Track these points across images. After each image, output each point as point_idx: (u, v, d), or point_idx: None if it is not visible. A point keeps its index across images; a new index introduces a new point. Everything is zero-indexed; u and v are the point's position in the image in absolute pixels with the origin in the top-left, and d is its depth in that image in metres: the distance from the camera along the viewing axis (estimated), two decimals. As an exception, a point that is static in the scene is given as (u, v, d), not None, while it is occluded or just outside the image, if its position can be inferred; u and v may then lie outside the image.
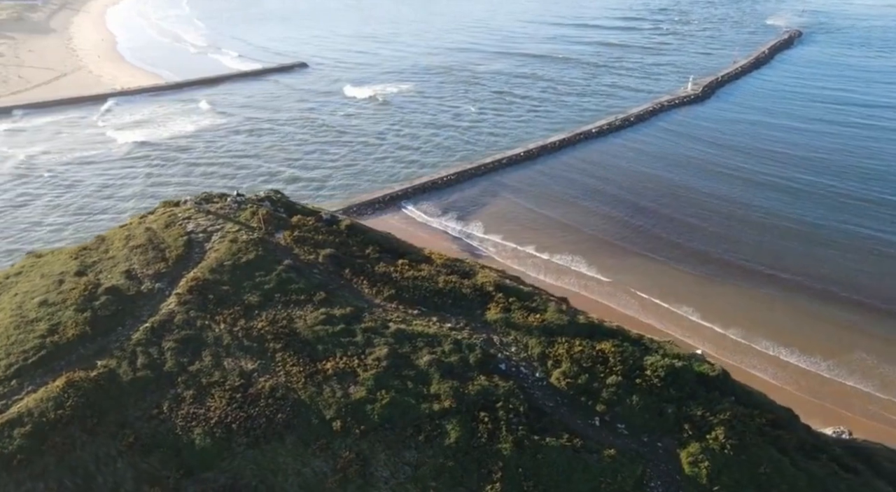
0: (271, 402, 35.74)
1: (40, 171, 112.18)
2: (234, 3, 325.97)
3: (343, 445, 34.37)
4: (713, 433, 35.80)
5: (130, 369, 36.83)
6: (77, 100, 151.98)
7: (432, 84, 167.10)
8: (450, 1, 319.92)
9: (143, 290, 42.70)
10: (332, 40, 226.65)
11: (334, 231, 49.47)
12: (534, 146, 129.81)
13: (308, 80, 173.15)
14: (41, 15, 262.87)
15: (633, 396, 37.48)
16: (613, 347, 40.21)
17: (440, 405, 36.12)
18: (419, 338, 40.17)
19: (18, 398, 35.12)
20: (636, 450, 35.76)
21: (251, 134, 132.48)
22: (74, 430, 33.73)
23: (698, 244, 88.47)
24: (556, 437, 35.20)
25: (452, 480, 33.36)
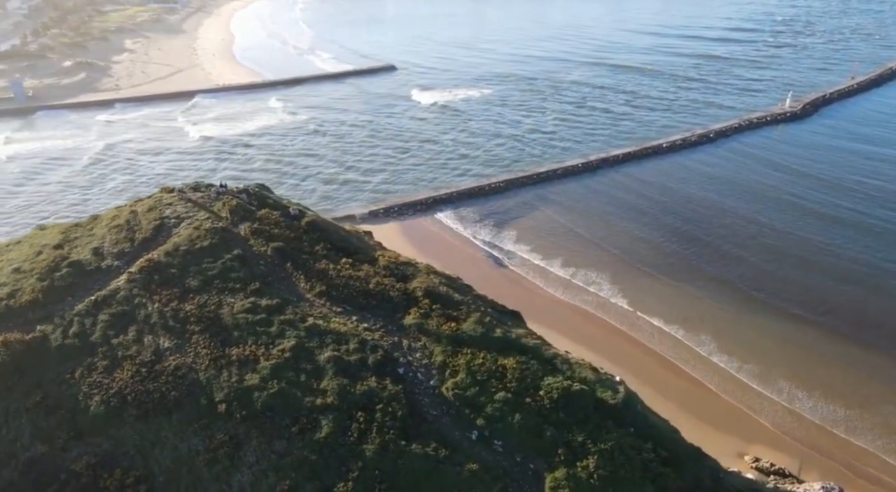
0: (171, 379, 38.39)
1: (118, 157, 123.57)
2: (343, 8, 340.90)
3: (222, 427, 36.39)
4: (585, 461, 34.64)
5: (62, 336, 40.78)
6: (171, 96, 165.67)
7: (509, 92, 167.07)
8: (560, 8, 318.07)
9: (102, 266, 46.91)
10: (427, 45, 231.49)
11: (293, 226, 51.73)
12: (594, 158, 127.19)
13: (385, 83, 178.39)
14: (177, 17, 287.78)
15: (517, 414, 36.87)
16: (516, 364, 39.67)
17: (323, 401, 37.32)
18: (329, 335, 41.49)
19: (-35, 351, 39.90)
20: (504, 468, 35.27)
21: (315, 133, 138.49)
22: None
23: (735, 278, 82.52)
24: (424, 445, 35.35)
25: (311, 473, 34.47)
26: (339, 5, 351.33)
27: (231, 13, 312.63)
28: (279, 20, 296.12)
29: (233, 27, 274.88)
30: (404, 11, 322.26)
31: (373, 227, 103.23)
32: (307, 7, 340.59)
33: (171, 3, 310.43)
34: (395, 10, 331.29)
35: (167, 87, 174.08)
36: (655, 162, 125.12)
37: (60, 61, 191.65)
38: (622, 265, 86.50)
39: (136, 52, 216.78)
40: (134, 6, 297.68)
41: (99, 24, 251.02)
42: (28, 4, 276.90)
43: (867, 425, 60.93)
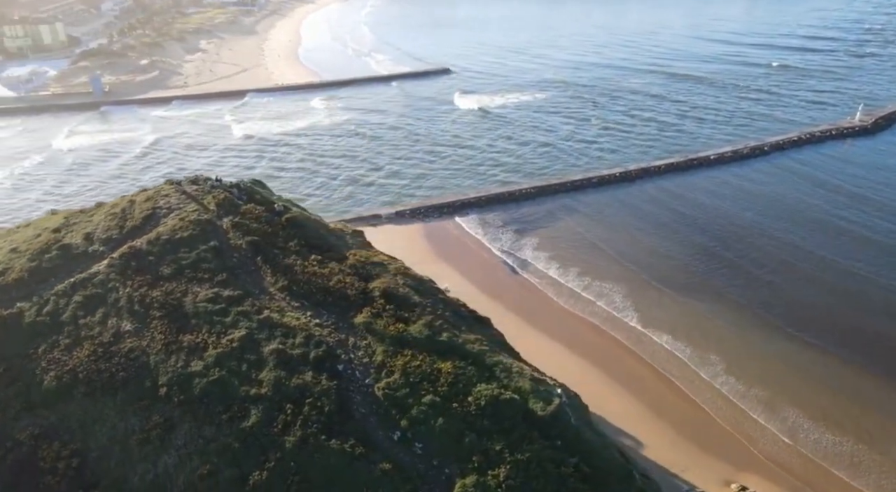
0: (122, 360, 40.51)
1: (165, 151, 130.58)
2: (410, 11, 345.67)
3: (160, 409, 38.12)
4: (497, 470, 34.18)
5: (35, 314, 43.74)
6: (225, 94, 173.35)
7: (557, 98, 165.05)
8: (634, 14, 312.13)
9: (89, 250, 49.91)
10: (485, 49, 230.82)
11: (273, 222, 53.32)
12: (634, 168, 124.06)
13: (434, 86, 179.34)
14: (252, 19, 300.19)
15: (441, 418, 36.76)
16: (452, 368, 39.60)
17: (257, 391, 38.45)
18: (280, 328, 42.65)
19: (-51, 321, 43.47)
20: (419, 471, 35.29)
21: (352, 134, 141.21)
22: (-33, 354, 41.11)
23: (756, 303, 77.64)
24: (343, 441, 35.83)
25: (232, 459, 35.64)
26: (407, 8, 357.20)
27: (304, 16, 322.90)
28: (345, 22, 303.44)
29: (302, 29, 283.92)
30: (471, 15, 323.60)
31: (396, 227, 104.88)
32: (375, 10, 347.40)
33: (249, 5, 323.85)
34: (463, 13, 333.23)
35: (230, 85, 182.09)
36: (699, 174, 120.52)
37: (138, 60, 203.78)
38: (638, 281, 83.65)
39: (208, 52, 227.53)
40: (215, 9, 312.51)
41: (180, 25, 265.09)
42: (120, 6, 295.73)
43: (872, 465, 56.88)
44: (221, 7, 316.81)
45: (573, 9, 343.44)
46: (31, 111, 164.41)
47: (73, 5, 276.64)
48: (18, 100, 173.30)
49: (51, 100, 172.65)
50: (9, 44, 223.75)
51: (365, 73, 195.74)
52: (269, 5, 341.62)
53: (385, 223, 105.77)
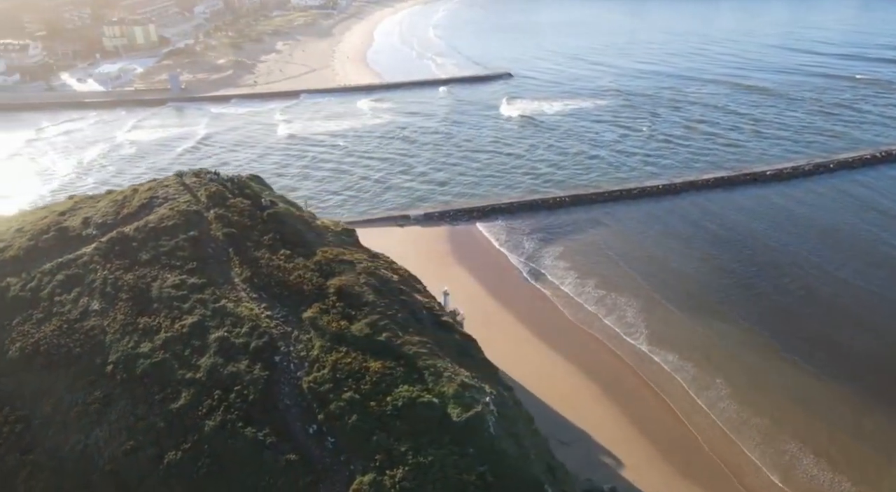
0: (81, 337, 43.30)
1: (212, 147, 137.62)
2: (484, 14, 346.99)
3: (103, 385, 40.52)
4: (395, 471, 34.17)
5: (19, 289, 47.39)
6: (280, 94, 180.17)
7: (613, 107, 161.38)
8: (721, 20, 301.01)
9: (83, 234, 53.46)
10: (550, 54, 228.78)
11: (255, 216, 55.14)
12: (679, 181, 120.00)
13: (486, 91, 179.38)
14: (330, 22, 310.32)
15: (355, 415, 37.10)
16: (381, 368, 39.90)
17: (192, 375, 40.17)
18: (231, 317, 44.28)
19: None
20: (325, 465, 35.88)
21: (392, 137, 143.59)
22: (-50, 321, 45.02)
23: (774, 332, 73.50)
24: (258, 430, 36.88)
25: (155, 438, 37.53)
26: (481, 12, 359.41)
27: (380, 19, 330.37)
28: (416, 26, 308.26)
29: (376, 32, 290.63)
30: (548, 19, 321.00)
31: (422, 229, 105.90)
32: (448, 14, 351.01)
33: (330, 9, 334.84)
34: (538, 17, 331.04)
35: (293, 85, 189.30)
36: (746, 192, 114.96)
37: (216, 59, 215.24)
38: (651, 300, 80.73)
39: (282, 53, 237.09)
40: (298, 12, 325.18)
41: (261, 27, 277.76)
42: (211, 9, 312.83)
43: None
44: (304, 10, 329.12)
45: (657, 14, 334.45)
46: (110, 105, 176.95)
47: (169, 8, 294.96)
48: (105, 94, 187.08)
49: (132, 95, 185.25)
50: (107, 43, 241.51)
51: (423, 76, 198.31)
52: (350, 9, 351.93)
53: (412, 224, 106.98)
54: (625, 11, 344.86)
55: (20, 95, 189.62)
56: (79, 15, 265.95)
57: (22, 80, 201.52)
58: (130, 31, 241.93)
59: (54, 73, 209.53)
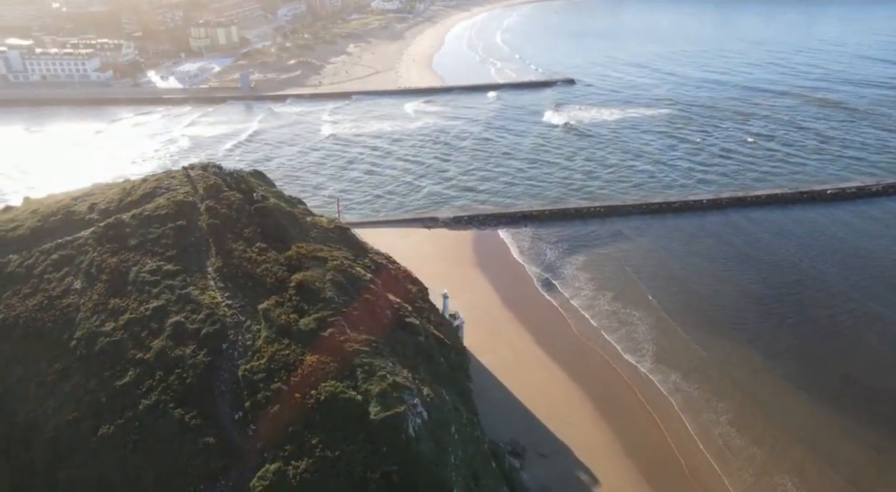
0: (57, 313, 46.61)
1: (257, 143, 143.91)
2: (556, 20, 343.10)
3: (64, 359, 43.42)
4: (299, 462, 34.86)
5: (17, 265, 51.46)
6: (334, 95, 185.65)
7: (670, 117, 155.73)
8: (821, 27, 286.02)
9: (86, 218, 57.30)
10: (615, 62, 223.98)
11: (243, 209, 57.30)
12: (727, 196, 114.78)
13: (535, 98, 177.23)
14: (404, 26, 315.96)
15: (278, 405, 38.07)
16: (315, 362, 40.76)
17: (142, 356, 42.50)
18: (192, 303, 46.40)
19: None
20: (242, 451, 36.93)
21: (431, 141, 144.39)
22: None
23: (788, 363, 68.80)
24: (186, 412, 38.53)
25: (95, 412, 40.12)
26: (555, 17, 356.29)
27: (453, 23, 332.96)
28: (487, 30, 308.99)
29: (447, 36, 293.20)
30: (624, 26, 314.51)
31: (448, 231, 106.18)
32: (521, 19, 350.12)
33: (406, 13, 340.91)
34: (616, 23, 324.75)
35: (353, 86, 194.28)
36: (796, 210, 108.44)
37: (287, 60, 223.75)
38: (662, 320, 77.47)
39: (352, 55, 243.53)
40: (375, 15, 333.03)
41: (337, 30, 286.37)
42: (293, 12, 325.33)
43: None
44: (380, 14, 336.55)
45: (749, 22, 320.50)
46: (182, 101, 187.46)
47: (254, 11, 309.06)
48: (181, 91, 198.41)
49: (204, 92, 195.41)
50: (193, 44, 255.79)
51: (479, 80, 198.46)
52: (426, 13, 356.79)
53: (440, 227, 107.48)
54: (714, 20, 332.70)
55: (109, 91, 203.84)
56: (171, 17, 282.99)
57: (113, 77, 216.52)
58: (214, 32, 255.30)
59: (142, 70, 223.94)
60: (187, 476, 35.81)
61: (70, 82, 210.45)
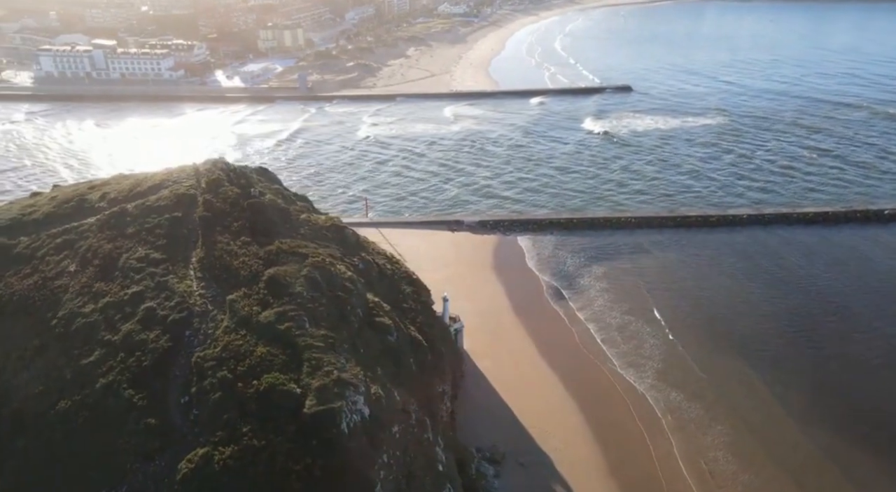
0: (47, 293, 49.79)
1: (296, 142, 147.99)
2: (621, 26, 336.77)
3: (43, 335, 46.33)
4: (226, 449, 35.99)
5: (24, 247, 55.15)
6: (378, 97, 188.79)
7: (719, 128, 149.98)
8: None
9: (94, 206, 60.70)
10: (675, 69, 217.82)
11: (237, 204, 59.24)
12: (770, 212, 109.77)
13: (579, 105, 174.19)
14: (467, 30, 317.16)
15: (219, 392, 39.38)
16: (265, 353, 41.99)
17: (110, 337, 44.86)
18: (167, 291, 48.56)
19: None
20: (181, 433, 38.58)
21: (464, 145, 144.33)
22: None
23: (799, 397, 64.49)
24: (136, 392, 40.45)
25: (59, 388, 42.76)
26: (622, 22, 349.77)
27: (518, 28, 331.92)
28: (549, 34, 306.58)
29: (509, 40, 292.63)
30: (694, 32, 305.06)
31: (472, 235, 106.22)
32: (585, 24, 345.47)
33: (472, 17, 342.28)
34: (686, 29, 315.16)
35: (408, 89, 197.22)
36: (853, 231, 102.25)
37: (346, 62, 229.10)
38: (669, 341, 74.37)
39: (411, 58, 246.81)
40: (440, 19, 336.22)
41: (400, 33, 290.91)
42: (360, 16, 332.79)
43: None
44: (446, 18, 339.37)
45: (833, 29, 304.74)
46: (239, 100, 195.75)
47: (322, 14, 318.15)
48: (242, 90, 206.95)
49: (263, 92, 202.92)
50: (261, 45, 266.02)
51: (531, 85, 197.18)
52: (493, 17, 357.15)
53: (464, 230, 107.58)
54: (798, 27, 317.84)
55: (178, 88, 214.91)
56: (244, 20, 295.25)
57: (184, 76, 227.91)
58: (280, 34, 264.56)
59: (211, 70, 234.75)
60: (126, 454, 37.58)
61: (145, 80, 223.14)
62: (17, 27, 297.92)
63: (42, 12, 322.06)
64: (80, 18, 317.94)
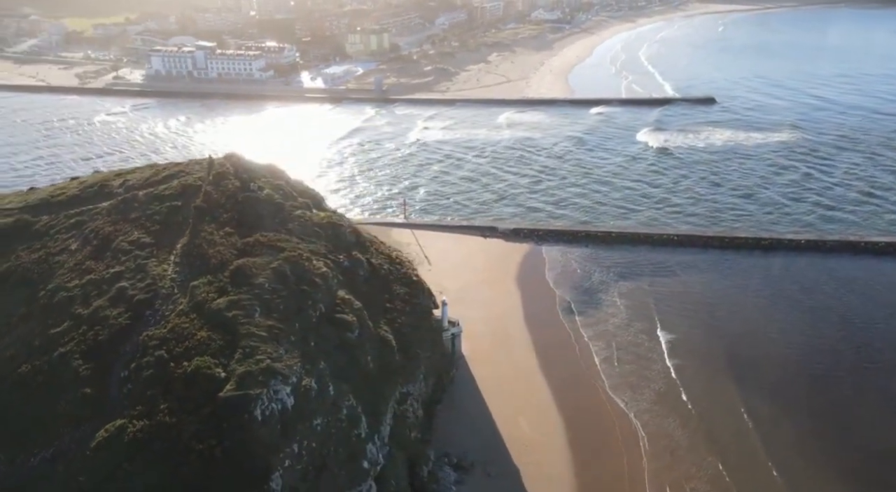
0: (46, 266, 54.90)
1: (350, 141, 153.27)
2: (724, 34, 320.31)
3: (30, 306, 50.98)
4: (139, 423, 38.32)
5: (43, 225, 60.74)
6: (436, 101, 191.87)
7: (789, 144, 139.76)
8: None
9: (114, 192, 65.87)
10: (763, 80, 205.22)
11: (233, 196, 62.14)
12: (835, 238, 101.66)
13: (643, 117, 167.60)
14: (557, 36, 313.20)
15: (151, 370, 41.97)
16: (205, 337, 44.21)
17: (80, 311, 48.88)
18: (143, 273, 52.23)
19: None
20: (112, 405, 41.57)
21: (512, 153, 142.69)
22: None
23: (792, 447, 58.18)
24: (85, 362, 43.78)
25: (27, 354, 47.16)
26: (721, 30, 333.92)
27: (611, 34, 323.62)
28: (637, 42, 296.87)
29: (598, 48, 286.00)
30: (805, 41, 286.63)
31: (503, 242, 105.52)
32: (685, 30, 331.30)
33: (564, 23, 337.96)
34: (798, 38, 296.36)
35: (479, 93, 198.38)
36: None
37: (424, 66, 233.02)
38: (666, 374, 69.79)
39: (490, 63, 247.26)
40: (530, 25, 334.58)
41: (485, 38, 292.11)
42: (450, 21, 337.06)
43: None
44: (537, 24, 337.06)
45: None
46: (312, 100, 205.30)
47: (412, 20, 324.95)
48: (321, 91, 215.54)
49: (341, 93, 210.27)
50: (348, 48, 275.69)
51: (603, 94, 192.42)
52: (586, 23, 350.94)
53: (497, 237, 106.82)
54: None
55: (265, 88, 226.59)
56: (337, 24, 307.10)
57: (273, 76, 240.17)
58: (367, 38, 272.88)
59: (297, 71, 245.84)
60: (62, 419, 40.84)
61: (238, 79, 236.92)
62: (140, 29, 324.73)
63: (164, 16, 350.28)
64: (194, 22, 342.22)
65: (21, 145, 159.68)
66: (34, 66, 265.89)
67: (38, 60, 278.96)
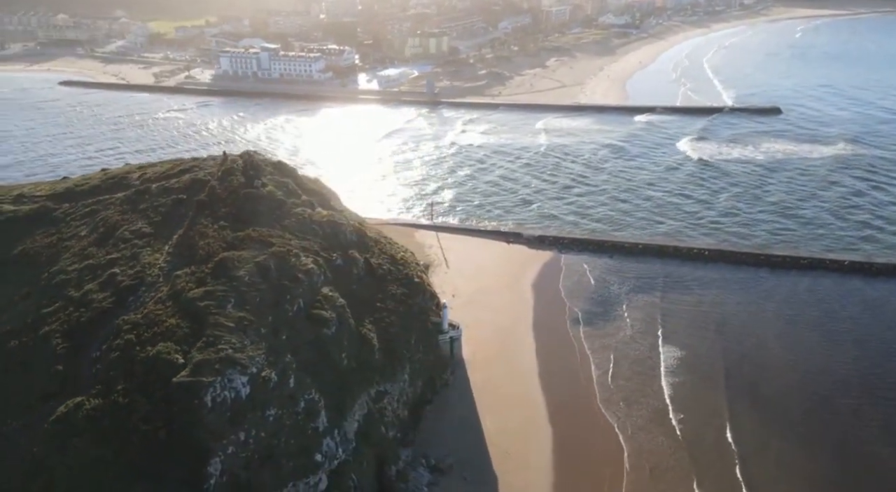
0: (53, 250, 58.69)
1: (391, 140, 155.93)
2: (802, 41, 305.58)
3: (34, 286, 54.52)
4: (94, 401, 40.47)
5: (62, 212, 64.81)
6: (479, 105, 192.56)
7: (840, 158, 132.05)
8: None
9: (130, 184, 69.43)
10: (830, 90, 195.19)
11: (236, 192, 64.36)
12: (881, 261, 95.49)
13: (689, 126, 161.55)
14: (621, 41, 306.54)
15: (118, 353, 44.19)
16: (173, 325, 46.13)
17: (73, 294, 51.98)
18: (135, 260, 55.04)
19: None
20: (81, 383, 44.20)
21: (544, 160, 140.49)
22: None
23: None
24: (64, 341, 46.53)
25: (21, 328, 50.11)
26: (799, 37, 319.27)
27: (680, 40, 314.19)
28: (705, 48, 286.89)
29: (664, 54, 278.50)
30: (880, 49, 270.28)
31: (525, 249, 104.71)
32: (760, 36, 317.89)
33: (631, 28, 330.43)
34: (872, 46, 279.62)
35: (530, 99, 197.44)
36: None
37: (479, 70, 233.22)
38: (659, 394, 66.86)
39: (547, 68, 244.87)
40: (596, 30, 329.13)
41: (547, 43, 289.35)
42: (513, 25, 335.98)
43: None
44: (604, 29, 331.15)
45: None
46: (363, 101, 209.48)
47: (475, 23, 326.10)
48: (374, 92, 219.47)
49: (393, 95, 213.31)
50: (407, 51, 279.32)
51: (653, 101, 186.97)
52: (654, 29, 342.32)
53: (521, 243, 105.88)
54: None
55: (322, 88, 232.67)
56: (399, 27, 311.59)
57: (331, 78, 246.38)
58: (426, 41, 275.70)
59: (355, 73, 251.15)
60: (33, 393, 43.49)
61: (298, 80, 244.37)
62: (216, 31, 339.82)
63: (239, 19, 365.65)
64: (266, 24, 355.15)
65: (89, 137, 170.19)
66: (118, 66, 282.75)
67: (123, 60, 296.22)
